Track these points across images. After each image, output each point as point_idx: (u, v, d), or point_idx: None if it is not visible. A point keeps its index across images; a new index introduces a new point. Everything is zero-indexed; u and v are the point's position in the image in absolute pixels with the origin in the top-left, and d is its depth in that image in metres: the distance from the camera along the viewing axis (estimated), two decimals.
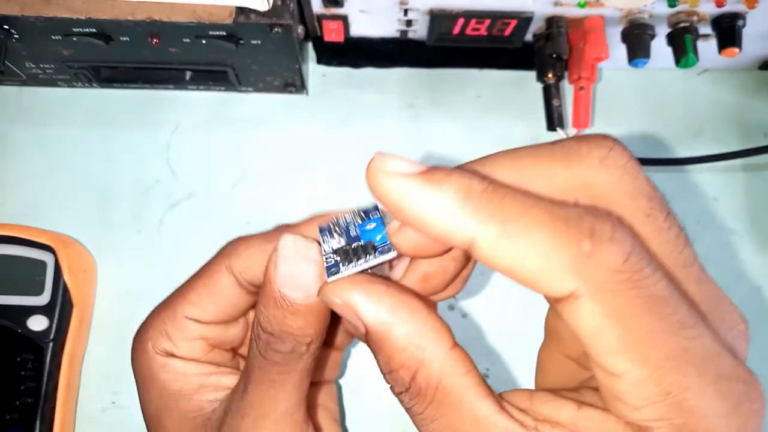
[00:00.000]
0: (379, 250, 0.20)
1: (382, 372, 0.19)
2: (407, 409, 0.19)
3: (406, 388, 0.18)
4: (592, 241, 0.16)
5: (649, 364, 0.16)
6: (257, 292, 0.25)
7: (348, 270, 0.20)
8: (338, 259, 0.20)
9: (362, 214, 0.21)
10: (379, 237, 0.20)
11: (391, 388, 0.19)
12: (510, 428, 0.17)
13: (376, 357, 0.19)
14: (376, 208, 0.21)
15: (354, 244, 0.20)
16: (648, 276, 0.16)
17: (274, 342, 0.21)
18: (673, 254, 0.18)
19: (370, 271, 0.20)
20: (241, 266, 0.24)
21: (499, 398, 0.18)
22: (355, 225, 0.21)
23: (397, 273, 0.22)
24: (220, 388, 0.25)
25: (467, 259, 0.22)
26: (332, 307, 0.20)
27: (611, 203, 0.18)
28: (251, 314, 0.27)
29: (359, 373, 0.37)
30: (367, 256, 0.20)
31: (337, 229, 0.21)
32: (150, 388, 0.25)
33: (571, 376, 0.22)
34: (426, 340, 0.18)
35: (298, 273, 0.21)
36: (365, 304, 0.19)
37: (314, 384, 0.29)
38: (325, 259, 0.21)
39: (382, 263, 0.20)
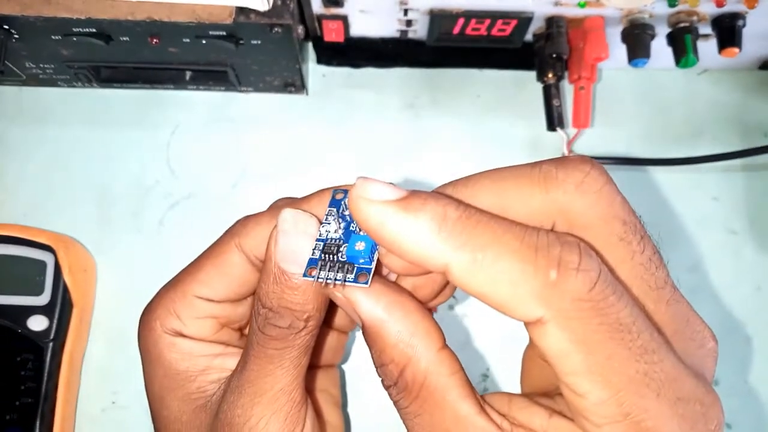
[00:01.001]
0: (358, 273, 0.20)
1: (375, 365, 0.20)
2: (394, 402, 0.20)
3: (394, 383, 0.20)
4: (559, 271, 0.16)
5: (610, 386, 0.17)
6: None
7: (320, 279, 0.20)
8: (322, 257, 0.20)
9: None
10: (362, 261, 0.20)
11: (381, 381, 0.20)
12: (487, 429, 0.19)
13: (370, 350, 0.20)
14: None
15: (339, 255, 0.20)
16: (613, 304, 0.17)
17: (272, 317, 0.22)
18: (644, 276, 0.19)
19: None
20: (251, 244, 0.24)
21: (482, 400, 0.19)
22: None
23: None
24: (224, 370, 0.25)
25: None
26: (333, 299, 0.21)
27: (586, 227, 0.19)
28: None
29: (363, 359, 0.37)
30: (343, 275, 0.20)
31: (346, 211, 0.21)
32: (156, 367, 0.25)
33: (549, 379, 0.23)
34: (416, 339, 0.19)
35: (297, 248, 0.21)
36: (364, 300, 0.20)
37: (317, 368, 0.30)
38: (313, 247, 0.21)
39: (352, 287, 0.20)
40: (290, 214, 0.21)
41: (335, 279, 0.20)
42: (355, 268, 0.20)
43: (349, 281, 0.20)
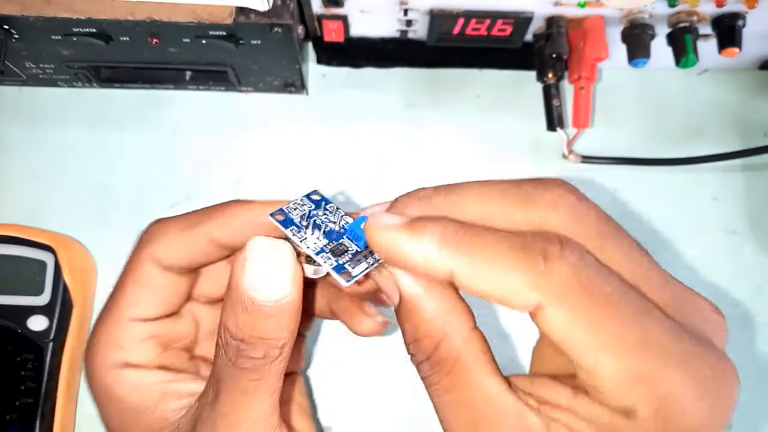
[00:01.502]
0: None
1: (406, 341, 0.21)
2: (424, 378, 0.21)
3: (428, 357, 0.20)
4: (546, 261, 0.18)
5: (616, 354, 0.18)
6: (188, 274, 0.25)
7: (364, 272, 0.21)
8: (341, 260, 0.21)
9: (312, 203, 0.23)
10: None
11: (411, 357, 0.21)
12: (517, 406, 0.19)
13: (402, 326, 0.21)
14: (322, 197, 0.23)
15: (350, 249, 0.21)
16: (600, 282, 0.18)
17: (245, 349, 0.21)
18: (629, 267, 0.20)
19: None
20: (162, 252, 0.24)
21: (508, 380, 0.20)
22: (321, 218, 0.22)
23: None
24: (182, 395, 0.24)
25: None
26: (373, 277, 0.22)
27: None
28: (195, 307, 0.27)
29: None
30: (373, 259, 0.21)
31: (304, 222, 0.22)
32: (109, 406, 0.25)
33: (563, 366, 0.23)
34: (452, 316, 0.20)
35: (270, 275, 0.21)
36: (404, 275, 0.20)
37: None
38: (320, 258, 0.21)
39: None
40: (260, 242, 0.21)
41: (373, 264, 0.21)
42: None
43: (380, 259, 0.21)
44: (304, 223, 0.22)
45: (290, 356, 0.29)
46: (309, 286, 0.28)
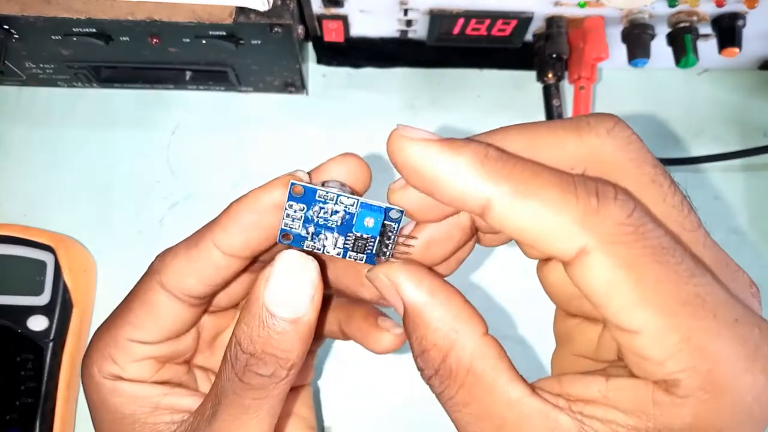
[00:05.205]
0: (392, 219, 0.21)
1: (414, 355, 0.20)
2: (438, 395, 0.19)
3: (436, 370, 0.19)
4: (599, 199, 0.17)
5: (665, 311, 0.16)
6: (199, 304, 0.24)
7: (388, 252, 0.21)
8: (368, 250, 0.21)
9: (302, 203, 0.21)
10: (378, 219, 0.21)
11: (421, 372, 0.19)
12: (544, 410, 0.18)
13: (410, 337, 0.20)
14: (304, 189, 0.22)
15: (373, 236, 0.21)
16: (652, 230, 0.17)
17: (254, 364, 0.21)
18: (678, 218, 0.19)
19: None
20: (173, 280, 0.23)
21: (532, 386, 0.19)
22: (321, 215, 0.21)
23: (403, 233, 0.22)
24: (176, 410, 0.24)
25: (472, 232, 0.22)
26: (376, 284, 0.20)
27: (618, 169, 0.19)
28: (203, 322, 0.26)
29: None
30: (391, 233, 0.21)
31: (310, 229, 0.21)
32: (102, 413, 0.24)
33: (587, 368, 0.21)
34: (460, 323, 0.19)
35: (293, 292, 0.20)
36: (407, 284, 0.19)
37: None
38: (348, 256, 0.21)
39: (401, 229, 0.21)
40: (292, 258, 0.21)
41: (393, 240, 0.21)
42: (386, 225, 0.21)
43: (396, 227, 0.21)
44: (311, 230, 0.21)
45: (301, 371, 0.29)
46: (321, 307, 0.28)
